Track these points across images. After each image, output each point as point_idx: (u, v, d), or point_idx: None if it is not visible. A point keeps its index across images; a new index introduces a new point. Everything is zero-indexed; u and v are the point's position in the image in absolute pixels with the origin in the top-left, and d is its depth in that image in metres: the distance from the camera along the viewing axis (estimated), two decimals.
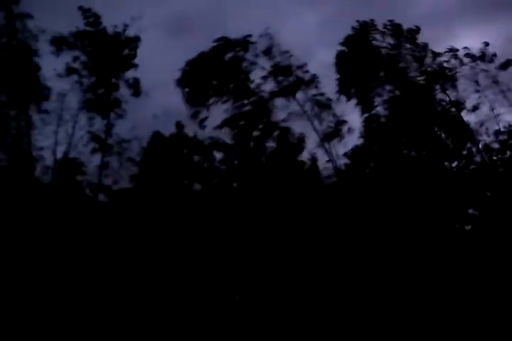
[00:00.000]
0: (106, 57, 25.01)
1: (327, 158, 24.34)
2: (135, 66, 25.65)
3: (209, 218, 21.92)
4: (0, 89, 23.33)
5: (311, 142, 24.86)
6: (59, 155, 23.66)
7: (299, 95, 25.09)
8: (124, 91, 25.40)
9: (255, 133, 24.85)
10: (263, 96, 25.29)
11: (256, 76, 25.36)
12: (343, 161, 24.39)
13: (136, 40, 25.57)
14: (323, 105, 24.93)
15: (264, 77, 25.32)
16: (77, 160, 23.65)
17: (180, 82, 25.45)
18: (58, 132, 23.50)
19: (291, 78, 25.16)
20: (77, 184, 23.39)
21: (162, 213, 22.21)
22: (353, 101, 24.55)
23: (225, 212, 22.09)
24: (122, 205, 23.33)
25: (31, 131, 23.25)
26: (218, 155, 24.72)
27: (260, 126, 24.96)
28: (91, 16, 24.95)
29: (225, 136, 24.96)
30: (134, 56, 25.80)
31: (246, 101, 25.04)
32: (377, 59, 24.86)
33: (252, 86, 25.36)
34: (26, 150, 23.12)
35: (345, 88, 24.66)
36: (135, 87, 25.30)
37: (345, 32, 25.34)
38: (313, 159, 24.70)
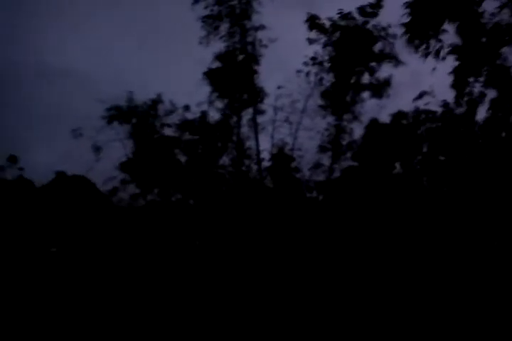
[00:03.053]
0: (354, 51, 22.91)
1: None
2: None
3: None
4: (227, 98, 24.52)
5: None
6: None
7: None
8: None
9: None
10: (497, 31, 19.85)
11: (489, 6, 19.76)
12: None
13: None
14: None
15: (500, 7, 19.70)
16: (289, 157, 23.40)
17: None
18: (276, 132, 23.84)
19: None
20: (295, 182, 24.08)
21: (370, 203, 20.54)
22: None
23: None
24: (332, 198, 22.67)
25: (258, 135, 23.92)
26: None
27: (485, 69, 19.79)
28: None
29: None
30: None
31: (475, 36, 20.11)
32: None
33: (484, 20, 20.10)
34: (256, 154, 24.01)
35: None
36: (383, 88, 22.92)
37: None
38: None
